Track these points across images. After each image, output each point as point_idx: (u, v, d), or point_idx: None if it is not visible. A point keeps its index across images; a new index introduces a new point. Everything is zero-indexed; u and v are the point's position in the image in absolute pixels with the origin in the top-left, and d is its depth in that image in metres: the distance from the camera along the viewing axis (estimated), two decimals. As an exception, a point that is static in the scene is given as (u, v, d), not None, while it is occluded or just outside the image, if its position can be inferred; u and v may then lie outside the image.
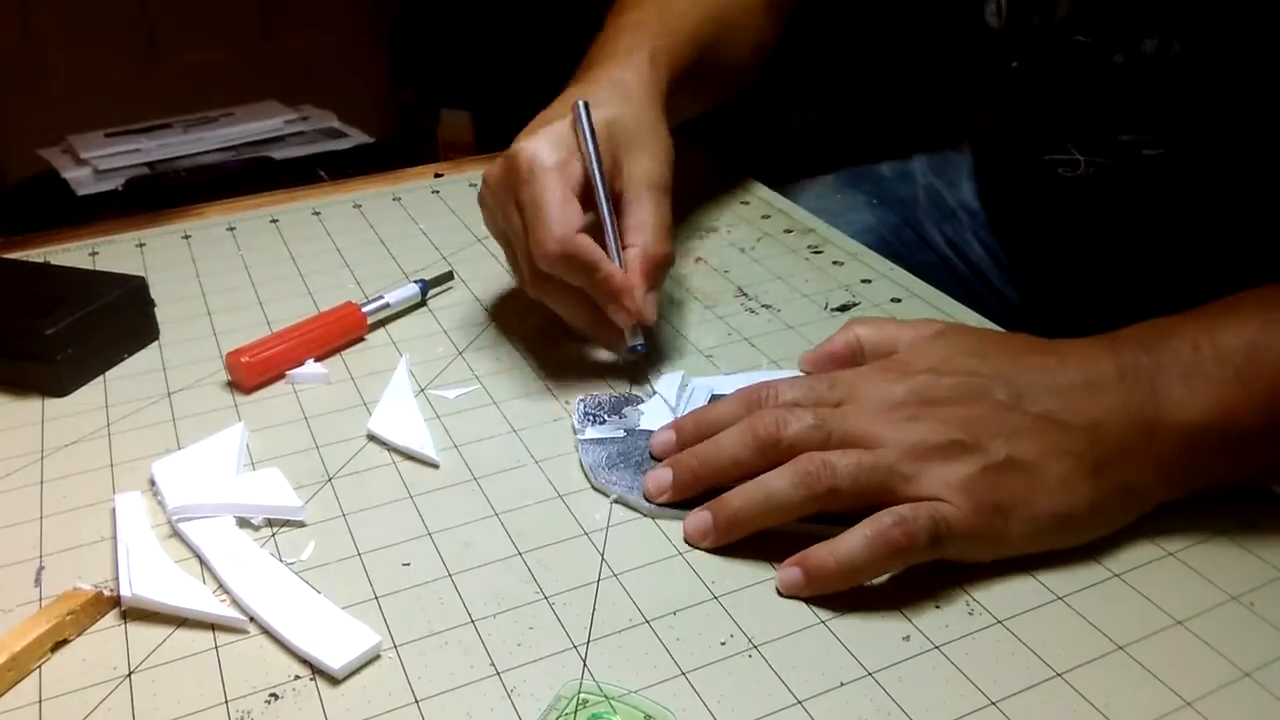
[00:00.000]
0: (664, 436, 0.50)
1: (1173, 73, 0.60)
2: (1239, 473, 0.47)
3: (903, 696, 0.39)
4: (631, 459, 0.50)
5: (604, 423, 0.53)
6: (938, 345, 0.49)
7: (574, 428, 0.53)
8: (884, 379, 0.47)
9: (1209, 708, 0.38)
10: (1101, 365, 0.46)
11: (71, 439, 0.54)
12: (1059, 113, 0.69)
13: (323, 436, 0.54)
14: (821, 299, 0.66)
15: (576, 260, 0.53)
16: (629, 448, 0.51)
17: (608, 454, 0.51)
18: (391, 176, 0.87)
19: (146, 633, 0.42)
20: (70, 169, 1.56)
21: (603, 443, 0.52)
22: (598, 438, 0.52)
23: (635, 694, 0.39)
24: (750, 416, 0.47)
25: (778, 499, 0.44)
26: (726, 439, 0.47)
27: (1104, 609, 0.43)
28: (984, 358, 0.48)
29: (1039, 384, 0.46)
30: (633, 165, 0.57)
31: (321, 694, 0.39)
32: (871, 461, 0.44)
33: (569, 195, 0.54)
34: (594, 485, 0.50)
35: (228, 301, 0.67)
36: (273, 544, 0.46)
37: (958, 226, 0.85)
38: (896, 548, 0.42)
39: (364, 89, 2.02)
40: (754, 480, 0.45)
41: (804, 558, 0.43)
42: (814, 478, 0.44)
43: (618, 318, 0.55)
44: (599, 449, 0.51)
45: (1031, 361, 0.47)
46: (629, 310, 0.54)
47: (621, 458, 0.50)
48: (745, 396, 0.49)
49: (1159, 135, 0.63)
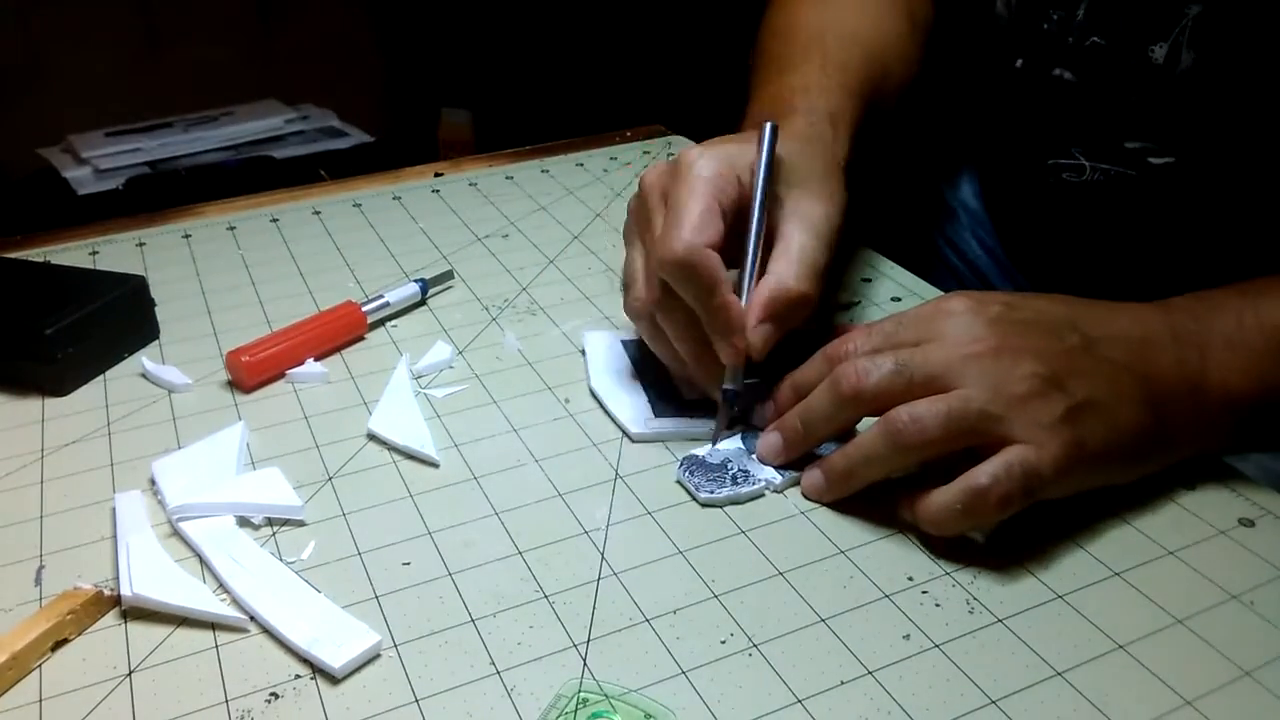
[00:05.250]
0: (767, 408, 0.52)
1: (1183, 81, 0.60)
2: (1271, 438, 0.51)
3: (903, 695, 0.39)
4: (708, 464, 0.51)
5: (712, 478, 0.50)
6: (998, 293, 0.50)
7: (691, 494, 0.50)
8: (964, 309, 0.47)
9: (1209, 707, 0.38)
10: (1155, 325, 0.49)
11: (71, 438, 0.54)
12: (1064, 116, 0.69)
13: (323, 436, 0.54)
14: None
15: (696, 271, 0.48)
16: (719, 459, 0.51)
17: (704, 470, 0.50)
18: (391, 176, 0.87)
19: (146, 632, 0.42)
20: (70, 168, 1.56)
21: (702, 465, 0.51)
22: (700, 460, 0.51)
23: (635, 693, 0.39)
24: (834, 371, 0.48)
25: (876, 459, 0.46)
26: (816, 399, 0.48)
27: (1104, 608, 0.43)
28: (1050, 301, 0.49)
29: (1105, 331, 0.48)
30: (795, 202, 0.52)
31: (321, 693, 0.39)
32: (961, 408, 0.44)
33: (714, 207, 0.50)
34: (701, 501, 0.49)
35: (228, 301, 0.67)
36: (273, 543, 0.46)
37: (958, 226, 0.85)
38: (992, 508, 0.44)
39: (364, 89, 2.02)
40: (852, 442, 0.47)
41: (912, 503, 0.46)
42: (905, 435, 0.45)
43: (722, 352, 0.50)
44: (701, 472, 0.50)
45: (1096, 311, 0.49)
46: (734, 345, 0.49)
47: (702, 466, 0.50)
48: (828, 353, 0.50)
49: (1167, 143, 0.63)
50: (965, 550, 0.45)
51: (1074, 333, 0.47)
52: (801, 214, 0.52)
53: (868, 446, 0.46)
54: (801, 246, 0.51)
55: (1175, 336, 0.48)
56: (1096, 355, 0.46)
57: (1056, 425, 0.44)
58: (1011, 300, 0.48)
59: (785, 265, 0.51)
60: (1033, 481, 0.43)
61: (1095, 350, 0.47)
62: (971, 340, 0.46)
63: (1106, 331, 0.48)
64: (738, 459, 0.51)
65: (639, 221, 0.54)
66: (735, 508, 0.48)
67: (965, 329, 0.47)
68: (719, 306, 0.49)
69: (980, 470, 0.44)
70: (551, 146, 0.91)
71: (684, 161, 0.52)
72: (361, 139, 1.69)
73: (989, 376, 0.45)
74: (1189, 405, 0.47)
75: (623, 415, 0.54)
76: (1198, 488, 0.49)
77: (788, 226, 0.52)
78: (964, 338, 0.46)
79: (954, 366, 0.45)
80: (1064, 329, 0.47)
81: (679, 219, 0.49)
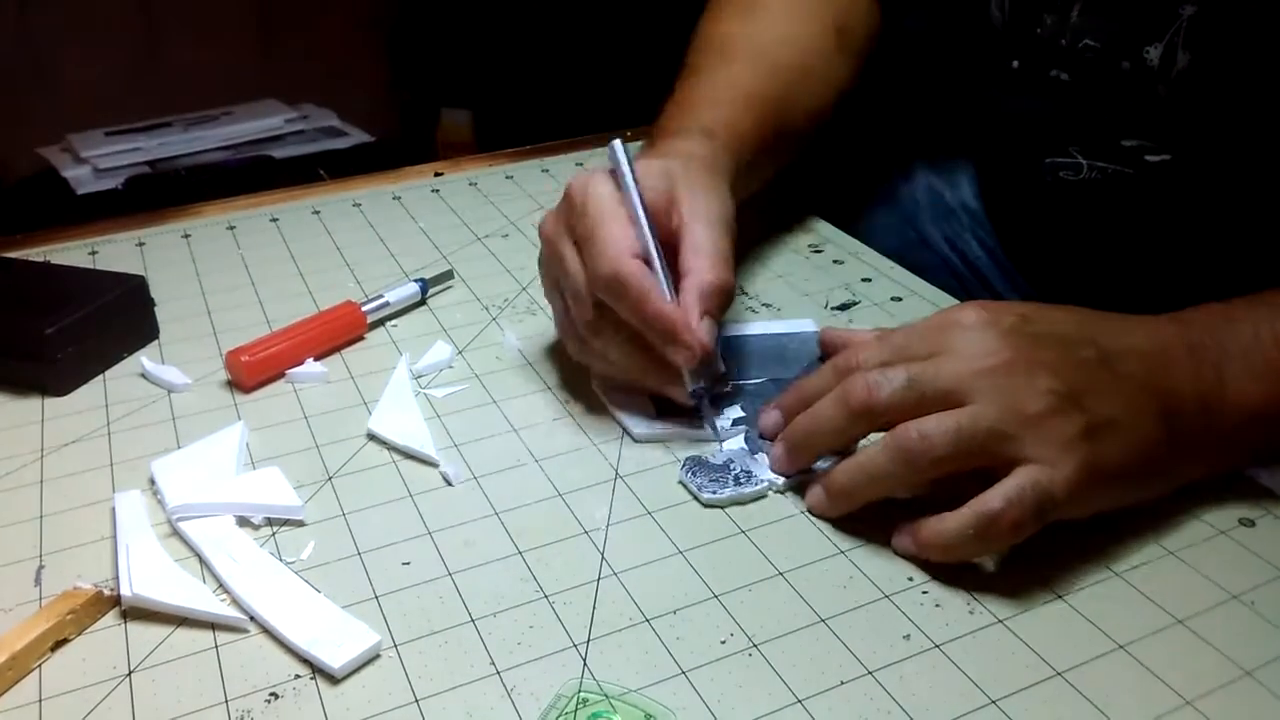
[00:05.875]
0: (771, 417, 0.51)
1: (1178, 83, 0.60)
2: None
3: (903, 695, 0.39)
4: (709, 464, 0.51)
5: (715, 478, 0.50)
6: (1013, 304, 0.49)
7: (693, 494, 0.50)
8: (977, 322, 0.46)
9: (1209, 707, 0.38)
10: (1170, 339, 0.47)
11: (71, 438, 0.54)
12: (1061, 115, 0.69)
13: (323, 436, 0.54)
14: (822, 298, 0.66)
15: (627, 284, 0.49)
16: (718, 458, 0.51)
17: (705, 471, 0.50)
18: (391, 176, 0.87)
19: (146, 632, 0.42)
20: (70, 168, 1.55)
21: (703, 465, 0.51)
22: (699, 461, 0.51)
23: (635, 693, 0.39)
24: (842, 383, 0.47)
25: (881, 477, 0.45)
26: (824, 410, 0.47)
27: (1104, 608, 0.43)
28: (1065, 312, 0.48)
29: (1120, 346, 0.46)
30: (692, 200, 0.54)
31: (321, 693, 0.39)
32: (971, 426, 0.43)
33: (627, 224, 0.51)
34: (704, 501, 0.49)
35: (228, 301, 0.67)
36: (273, 543, 0.46)
37: (958, 227, 0.85)
38: (1006, 533, 0.43)
39: (364, 89, 2.02)
40: (856, 459, 0.46)
41: (916, 531, 0.45)
42: (913, 454, 0.44)
43: (675, 356, 0.50)
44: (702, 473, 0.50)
45: (1110, 324, 0.48)
46: (684, 344, 0.50)
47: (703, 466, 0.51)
48: (837, 364, 0.49)
49: (1163, 142, 0.63)
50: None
51: (1090, 346, 0.46)
52: (700, 211, 0.53)
53: (874, 464, 0.45)
54: (711, 240, 0.52)
55: (1191, 351, 0.47)
56: (1114, 371, 0.45)
57: (1072, 444, 0.43)
58: (1026, 312, 0.47)
59: (703, 260, 0.51)
60: (1046, 504, 0.42)
61: (1112, 365, 0.45)
62: (985, 354, 0.45)
63: (1122, 345, 0.46)
64: (740, 459, 0.51)
65: (553, 266, 0.55)
66: (735, 508, 0.48)
67: (978, 342, 0.45)
68: (656, 314, 0.49)
69: (992, 494, 0.42)
70: (551, 146, 0.91)
71: (577, 195, 0.53)
72: (361, 139, 1.68)
73: (1003, 392, 0.43)
74: (1204, 422, 0.46)
75: (626, 416, 0.54)
76: (1198, 488, 0.49)
77: (692, 225, 0.53)
78: (977, 351, 0.45)
79: (966, 381, 0.44)
80: (1080, 342, 0.46)
81: (598, 240, 0.50)
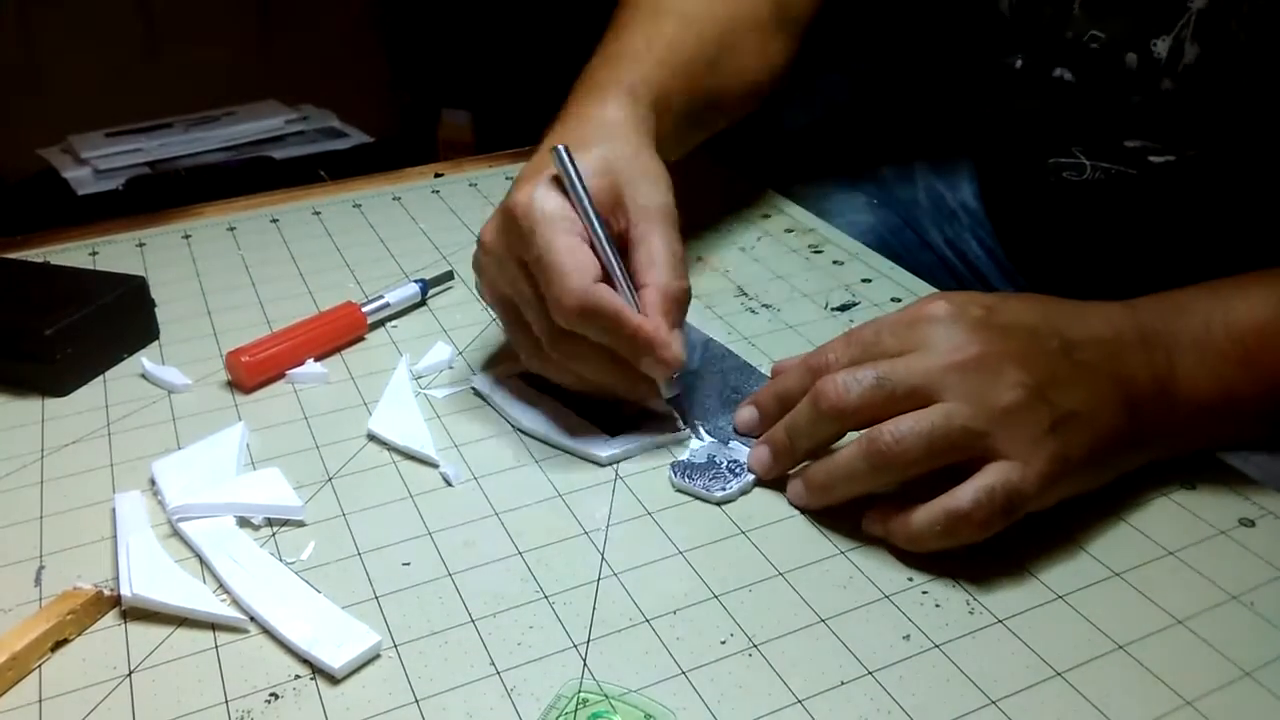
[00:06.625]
0: (747, 414, 0.52)
1: (1186, 77, 0.60)
2: (1237, 439, 0.50)
3: (903, 696, 0.39)
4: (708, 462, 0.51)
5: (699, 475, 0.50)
6: (976, 295, 0.49)
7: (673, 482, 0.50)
8: (944, 315, 0.47)
9: (1209, 707, 0.38)
10: (1123, 326, 0.48)
11: (71, 439, 0.54)
12: (1064, 115, 0.68)
13: (323, 436, 0.54)
14: (822, 298, 0.66)
15: (600, 313, 0.48)
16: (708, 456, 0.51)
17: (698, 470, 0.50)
18: (391, 176, 0.87)
19: (146, 632, 0.42)
20: (70, 168, 1.55)
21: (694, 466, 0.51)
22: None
23: (635, 693, 0.39)
24: (814, 387, 0.47)
25: (857, 478, 0.46)
26: (800, 415, 0.48)
27: (1104, 608, 0.43)
28: (1028, 302, 0.48)
29: (1080, 334, 0.47)
30: (637, 197, 0.53)
31: (321, 694, 0.39)
32: (944, 425, 0.44)
33: (578, 244, 0.50)
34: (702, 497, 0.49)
35: (228, 301, 0.67)
36: (273, 544, 0.46)
37: (958, 227, 0.85)
38: (974, 530, 0.43)
39: (364, 89, 2.02)
40: (833, 458, 0.47)
41: (885, 519, 0.45)
42: (887, 456, 0.44)
43: (653, 371, 0.51)
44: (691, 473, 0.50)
45: (1068, 312, 0.48)
46: (663, 360, 0.50)
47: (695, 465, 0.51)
48: (810, 363, 0.49)
49: (1167, 142, 0.63)
50: (965, 551, 0.45)
51: (1055, 337, 0.46)
52: (648, 205, 0.53)
53: (850, 465, 0.46)
54: (666, 244, 0.52)
55: (1143, 338, 0.47)
56: (1075, 360, 0.46)
57: (1042, 439, 0.43)
58: (991, 303, 0.47)
59: (660, 270, 0.51)
60: (1015, 501, 0.43)
61: (1073, 354, 0.46)
62: (953, 349, 0.45)
63: (1081, 334, 0.47)
64: (719, 451, 0.51)
65: (499, 283, 0.53)
66: (735, 507, 0.48)
67: (946, 337, 0.46)
68: (631, 333, 0.49)
69: (961, 493, 0.43)
70: (551, 147, 0.91)
71: (521, 209, 0.50)
72: (361, 139, 1.68)
73: (972, 387, 0.44)
74: (1160, 407, 0.47)
75: (583, 446, 0.52)
76: (1198, 488, 0.49)
77: (641, 226, 0.52)
78: (945, 346, 0.45)
79: (936, 377, 0.45)
80: (1045, 333, 0.46)
81: (555, 271, 0.48)
